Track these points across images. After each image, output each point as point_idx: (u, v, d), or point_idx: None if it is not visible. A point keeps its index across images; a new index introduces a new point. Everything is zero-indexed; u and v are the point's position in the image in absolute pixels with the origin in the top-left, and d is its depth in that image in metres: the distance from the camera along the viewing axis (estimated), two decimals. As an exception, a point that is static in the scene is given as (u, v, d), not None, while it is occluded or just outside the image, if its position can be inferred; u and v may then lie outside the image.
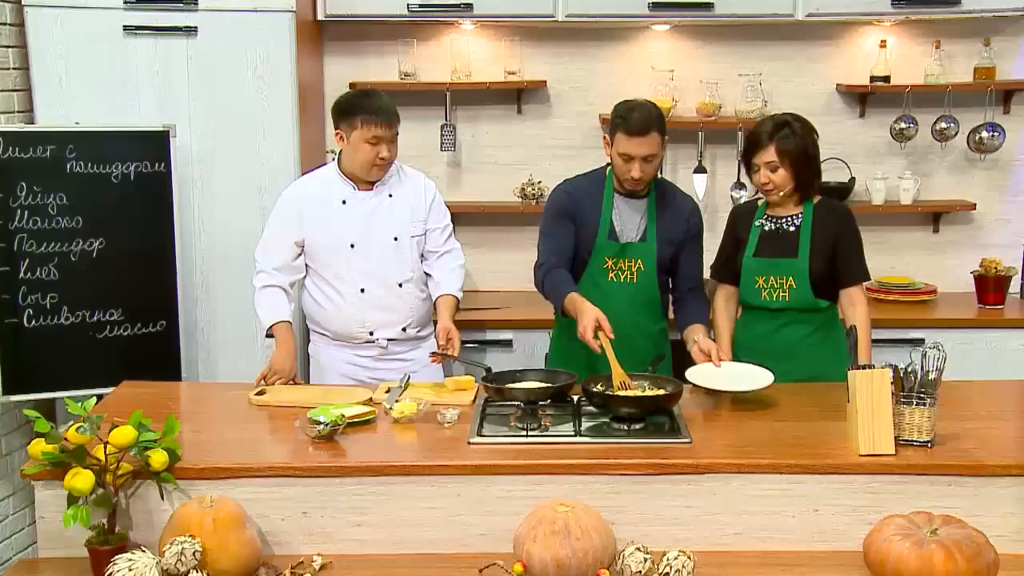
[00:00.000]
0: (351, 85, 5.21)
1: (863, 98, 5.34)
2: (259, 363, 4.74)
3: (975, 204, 5.34)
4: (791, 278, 3.84)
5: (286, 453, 3.19)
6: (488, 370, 3.72)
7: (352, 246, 4.03)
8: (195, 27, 4.61)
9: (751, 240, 3.92)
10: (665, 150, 3.88)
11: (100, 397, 4.41)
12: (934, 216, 5.44)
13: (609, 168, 3.95)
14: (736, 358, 3.89)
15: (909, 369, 3.17)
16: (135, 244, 4.52)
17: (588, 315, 3.55)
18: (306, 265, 4.12)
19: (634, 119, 3.74)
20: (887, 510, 3.03)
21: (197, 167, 4.69)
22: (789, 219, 3.89)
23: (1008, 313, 5.10)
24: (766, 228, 3.92)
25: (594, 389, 3.42)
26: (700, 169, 5.28)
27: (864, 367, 3.19)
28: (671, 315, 4.08)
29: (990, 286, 5.11)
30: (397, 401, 3.52)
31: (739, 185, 5.26)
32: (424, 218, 4.13)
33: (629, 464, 3.07)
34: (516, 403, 3.43)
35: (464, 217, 5.18)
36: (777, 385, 3.78)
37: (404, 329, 4.13)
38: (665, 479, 3.07)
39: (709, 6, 4.96)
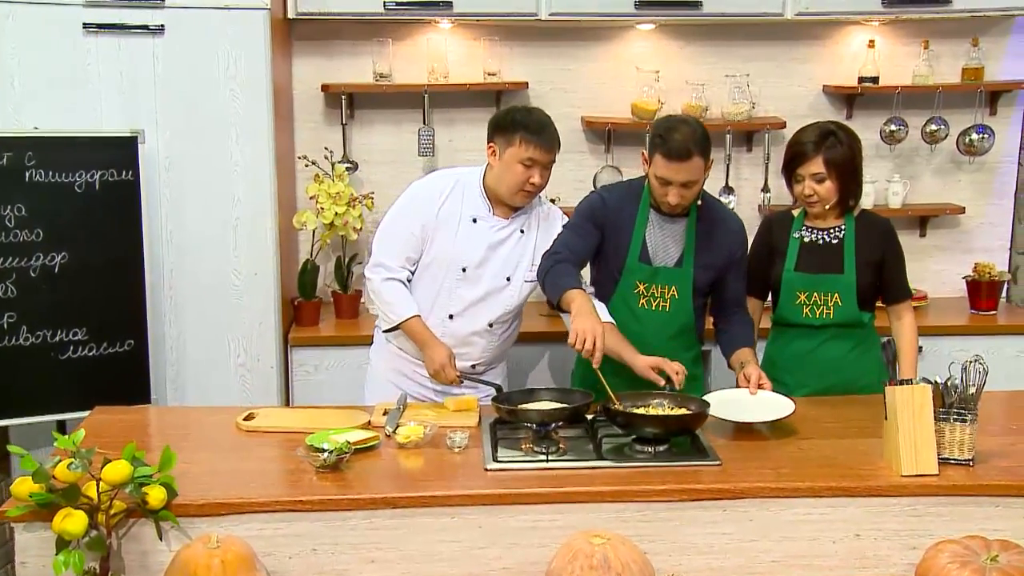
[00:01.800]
0: (323, 87, 4.99)
1: (850, 99, 5.22)
2: (232, 383, 4.54)
3: (964, 208, 5.25)
4: (837, 294, 3.64)
5: (290, 485, 2.94)
6: (499, 389, 3.52)
7: (463, 270, 3.72)
8: (161, 25, 4.32)
9: (790, 253, 3.70)
10: (709, 173, 3.56)
11: (63, 424, 4.17)
12: (920, 220, 5.34)
13: (648, 181, 3.64)
14: (772, 377, 3.70)
15: (949, 383, 3.03)
16: (100, 258, 4.22)
17: (585, 328, 3.24)
18: None
19: (675, 141, 3.40)
20: (931, 534, 2.91)
21: (164, 175, 4.39)
22: (831, 231, 3.69)
23: (1001, 319, 5.02)
24: (806, 240, 3.71)
25: (616, 408, 3.21)
26: (687, 173, 5.11)
27: (903, 382, 3.03)
28: (708, 325, 3.86)
29: (983, 291, 5.01)
30: (399, 425, 3.29)
31: (727, 190, 5.10)
32: None
33: (662, 490, 2.90)
34: (528, 425, 3.22)
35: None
36: (794, 399, 3.64)
37: (473, 366, 3.81)
38: (698, 505, 2.90)
39: (697, 5, 4.79)
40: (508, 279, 3.73)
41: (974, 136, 5.13)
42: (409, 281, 3.76)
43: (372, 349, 3.99)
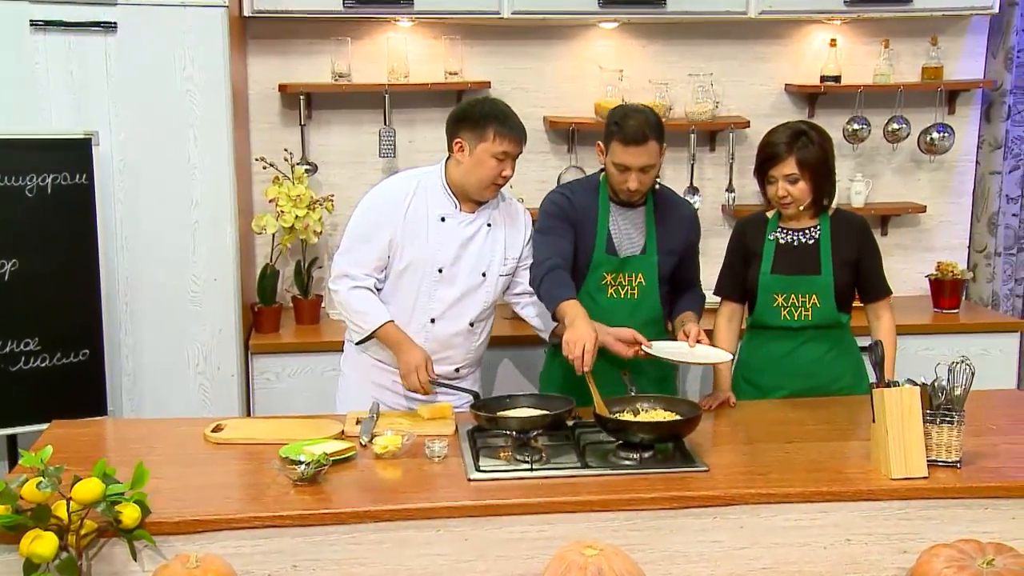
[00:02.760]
0: (280, 87, 4.86)
1: (812, 99, 5.20)
2: (192, 393, 4.39)
3: (925, 207, 5.26)
4: (815, 296, 3.59)
5: (267, 500, 2.83)
6: (476, 396, 3.43)
7: (440, 271, 3.61)
8: (114, 23, 4.15)
9: (766, 255, 3.64)
10: (663, 158, 3.61)
11: (14, 438, 4.01)
12: (882, 219, 5.33)
13: (603, 175, 3.67)
14: (747, 379, 3.68)
15: (936, 385, 3.00)
16: (53, 265, 4.04)
17: (580, 333, 3.23)
18: None
19: (630, 127, 3.47)
20: (922, 537, 2.88)
21: (119, 178, 4.23)
22: (806, 231, 3.64)
23: (963, 318, 5.03)
24: (782, 242, 3.65)
25: (607, 415, 3.14)
26: (651, 173, 5.05)
27: (889, 384, 3.00)
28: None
29: (946, 290, 5.02)
30: (375, 434, 3.19)
31: (692, 190, 5.06)
32: (518, 256, 3.71)
33: (652, 498, 2.84)
34: (508, 432, 3.13)
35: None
36: (772, 401, 3.64)
37: (457, 369, 3.71)
38: (688, 512, 2.85)
39: (661, 3, 4.74)
40: (483, 275, 3.66)
41: (935, 135, 5.14)
42: (378, 289, 3.65)
43: (343, 359, 3.86)
